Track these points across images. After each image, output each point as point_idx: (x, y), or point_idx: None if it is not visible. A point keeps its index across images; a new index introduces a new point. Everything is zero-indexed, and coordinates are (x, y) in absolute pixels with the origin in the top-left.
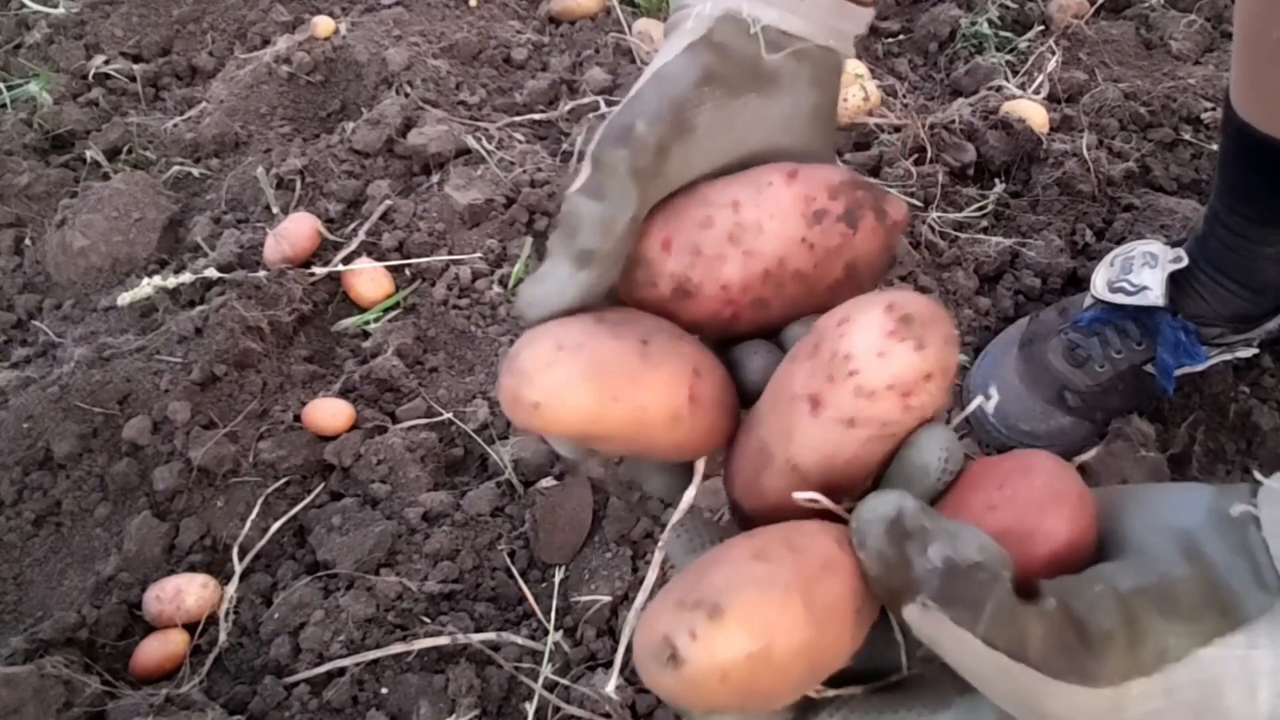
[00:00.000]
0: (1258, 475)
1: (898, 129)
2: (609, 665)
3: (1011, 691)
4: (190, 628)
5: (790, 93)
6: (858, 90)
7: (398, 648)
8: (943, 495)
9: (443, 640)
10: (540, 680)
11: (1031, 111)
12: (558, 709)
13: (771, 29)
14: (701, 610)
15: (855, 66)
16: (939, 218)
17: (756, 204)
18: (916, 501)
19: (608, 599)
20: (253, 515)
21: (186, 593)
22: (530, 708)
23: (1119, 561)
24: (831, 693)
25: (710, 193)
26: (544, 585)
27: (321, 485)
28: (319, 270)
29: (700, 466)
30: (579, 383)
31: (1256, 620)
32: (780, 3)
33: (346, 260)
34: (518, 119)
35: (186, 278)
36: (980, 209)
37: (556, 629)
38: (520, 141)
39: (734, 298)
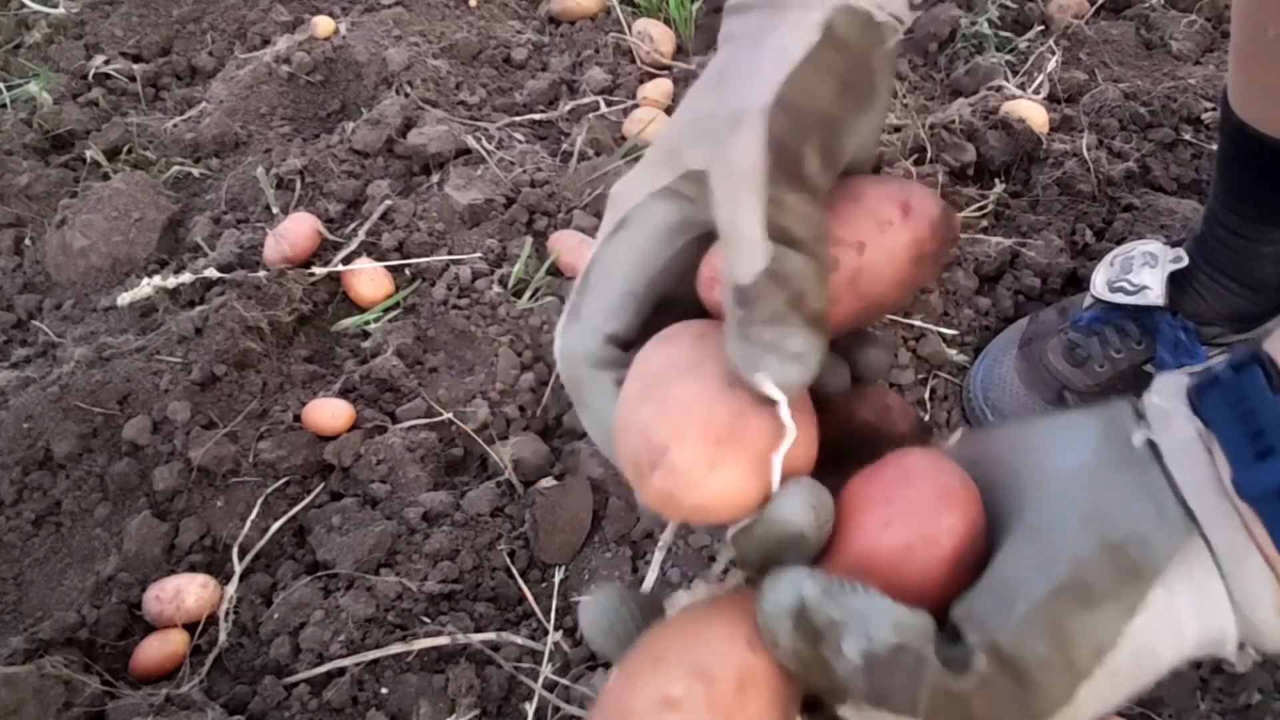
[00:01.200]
0: (1140, 399)
1: (897, 129)
2: (609, 665)
3: None
4: (190, 628)
5: (883, 98)
6: None
7: (397, 648)
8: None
9: (443, 640)
10: (540, 680)
11: (1031, 111)
12: (557, 709)
13: (892, 19)
14: None
15: None
16: None
17: (879, 247)
18: (815, 582)
19: None
20: (253, 515)
21: (186, 593)
22: (530, 708)
23: (1022, 547)
24: None
25: (835, 226)
26: (544, 585)
27: (321, 485)
28: (319, 270)
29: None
30: (747, 479)
31: (1169, 565)
32: None
33: (346, 260)
34: (518, 119)
35: (186, 278)
36: (980, 209)
37: (556, 629)
38: (520, 141)
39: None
